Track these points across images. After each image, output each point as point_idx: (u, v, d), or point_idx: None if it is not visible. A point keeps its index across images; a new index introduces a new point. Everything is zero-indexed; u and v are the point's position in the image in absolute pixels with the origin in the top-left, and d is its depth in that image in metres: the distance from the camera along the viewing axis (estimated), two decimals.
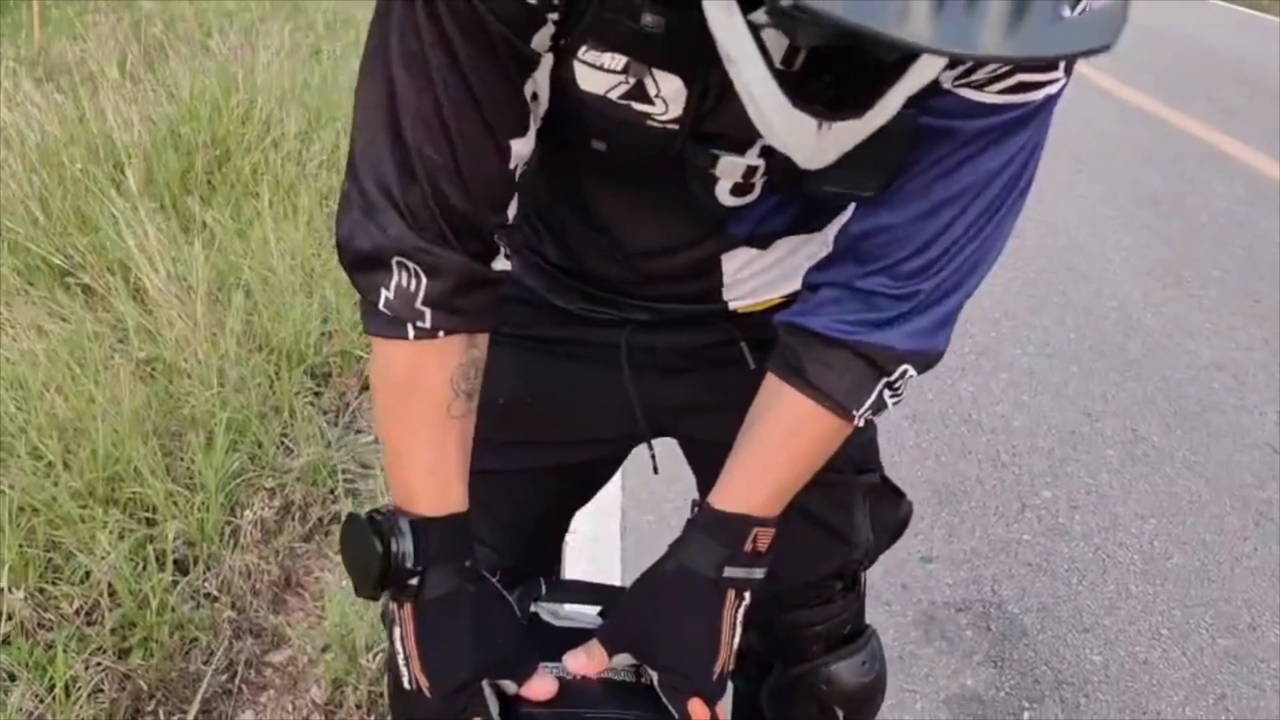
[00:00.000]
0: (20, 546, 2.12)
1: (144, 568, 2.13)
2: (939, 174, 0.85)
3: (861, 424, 0.92)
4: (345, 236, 0.84)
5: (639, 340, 1.08)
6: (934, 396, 2.97)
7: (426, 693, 0.85)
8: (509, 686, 0.88)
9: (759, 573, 0.89)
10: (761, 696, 1.28)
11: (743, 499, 0.90)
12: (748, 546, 0.88)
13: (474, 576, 0.88)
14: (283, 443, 2.57)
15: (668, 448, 1.18)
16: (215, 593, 2.13)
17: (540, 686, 0.88)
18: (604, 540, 2.29)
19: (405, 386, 0.88)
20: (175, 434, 2.53)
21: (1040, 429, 2.82)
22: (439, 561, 0.86)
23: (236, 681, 2.01)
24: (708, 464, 1.15)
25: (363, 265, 0.84)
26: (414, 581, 0.85)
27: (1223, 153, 5.33)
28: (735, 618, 0.89)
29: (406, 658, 0.86)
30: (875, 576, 2.27)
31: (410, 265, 0.83)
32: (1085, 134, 5.49)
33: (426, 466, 0.88)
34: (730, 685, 0.94)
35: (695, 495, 1.02)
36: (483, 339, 0.91)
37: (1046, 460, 2.69)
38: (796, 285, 0.97)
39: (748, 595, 0.89)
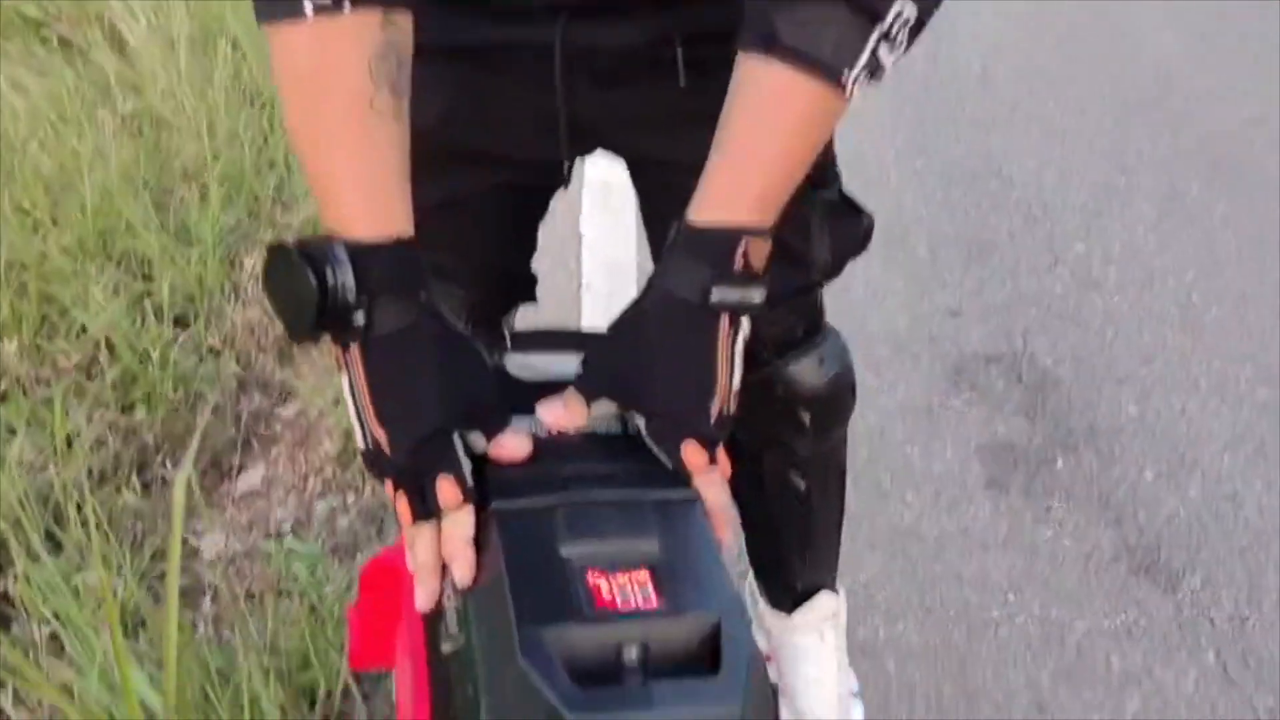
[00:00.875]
0: (11, 303, 2.04)
1: (142, 322, 2.05)
2: None
3: (855, 94, 0.76)
4: None
5: (576, 38, 0.94)
6: (963, 152, 2.83)
7: (386, 449, 0.72)
8: (478, 443, 0.75)
9: (756, 295, 0.76)
10: None
11: (724, 205, 0.75)
12: (737, 263, 0.74)
13: (432, 311, 0.74)
14: (278, 198, 2.45)
15: None
16: (219, 346, 2.05)
17: (513, 443, 0.75)
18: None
19: (314, 80, 0.73)
20: (167, 190, 2.41)
21: (1073, 184, 2.69)
22: (387, 292, 0.72)
23: (245, 436, 1.95)
24: (648, 188, 1.08)
25: None
26: (359, 317, 0.71)
27: None
28: (731, 350, 0.76)
29: (360, 411, 0.73)
30: (901, 329, 2.20)
31: None
32: None
33: (356, 179, 0.73)
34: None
35: None
36: (403, 21, 0.75)
37: (1079, 215, 2.57)
38: None
39: (745, 324, 0.77)
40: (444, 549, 0.72)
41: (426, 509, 0.72)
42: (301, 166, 0.77)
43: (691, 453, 0.75)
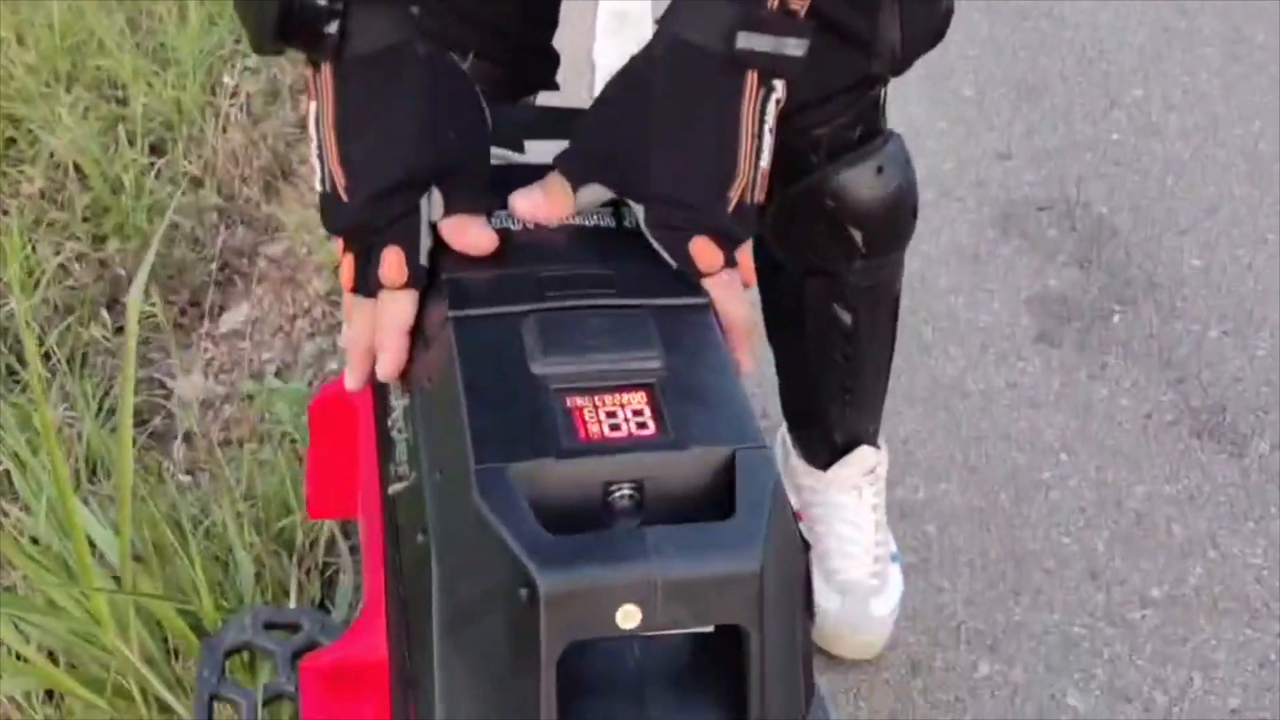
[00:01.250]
0: None
1: (115, 149, 1.87)
2: None
3: None
4: None
5: None
6: None
7: (342, 195, 0.58)
8: (435, 208, 0.60)
9: (793, 46, 0.59)
10: (763, 226, 1.07)
11: None
12: (772, 2, 0.58)
13: (426, 33, 0.59)
14: None
15: None
16: (199, 175, 1.88)
17: (476, 235, 0.60)
18: None
19: None
20: (141, 8, 2.20)
21: (1131, 24, 2.47)
22: None
23: (228, 273, 1.80)
24: None
25: None
26: (332, 28, 0.56)
27: None
28: (760, 119, 0.59)
29: (322, 146, 0.58)
30: (946, 172, 2.02)
31: None
32: None
33: None
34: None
35: None
36: None
37: (1137, 57, 2.36)
38: None
39: (779, 86, 0.59)
40: (376, 336, 0.58)
41: (367, 281, 0.59)
42: None
43: (703, 250, 0.59)
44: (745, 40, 0.57)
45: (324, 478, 0.77)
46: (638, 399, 0.52)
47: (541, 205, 0.61)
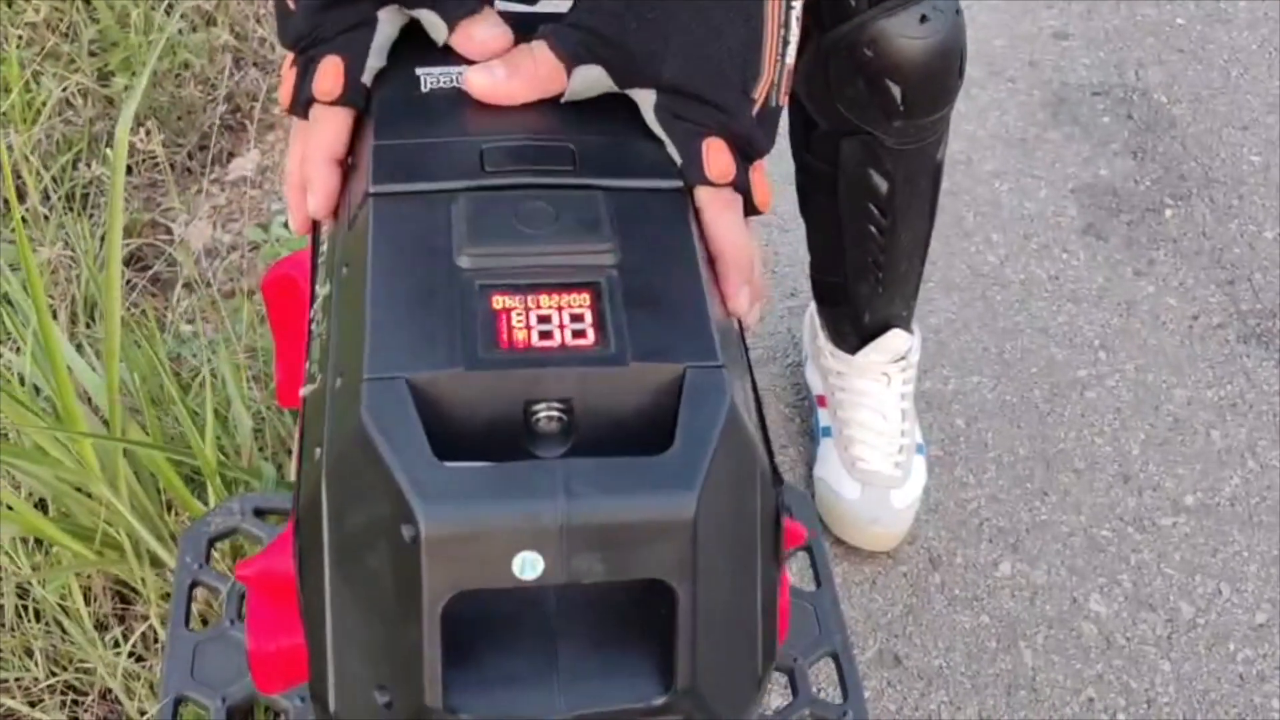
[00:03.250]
0: None
1: None
2: None
3: None
4: None
5: None
6: None
7: (290, 2, 0.51)
8: (435, 28, 0.51)
9: None
10: (797, 79, 0.98)
11: None
12: None
13: None
14: None
15: None
16: (210, 11, 1.79)
17: (486, 32, 0.51)
18: None
19: None
20: None
21: None
22: None
23: (238, 117, 1.72)
24: None
25: None
26: None
27: None
28: (786, 10, 0.50)
29: None
30: (997, 50, 1.91)
31: None
32: None
33: None
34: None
35: None
36: None
37: None
38: None
39: None
40: (304, 165, 0.51)
41: (302, 96, 0.51)
42: None
43: (717, 154, 0.49)
44: None
45: (285, 364, 0.68)
46: (579, 301, 0.43)
47: (505, 84, 0.50)
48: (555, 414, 0.41)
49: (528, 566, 0.38)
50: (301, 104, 0.51)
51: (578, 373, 0.41)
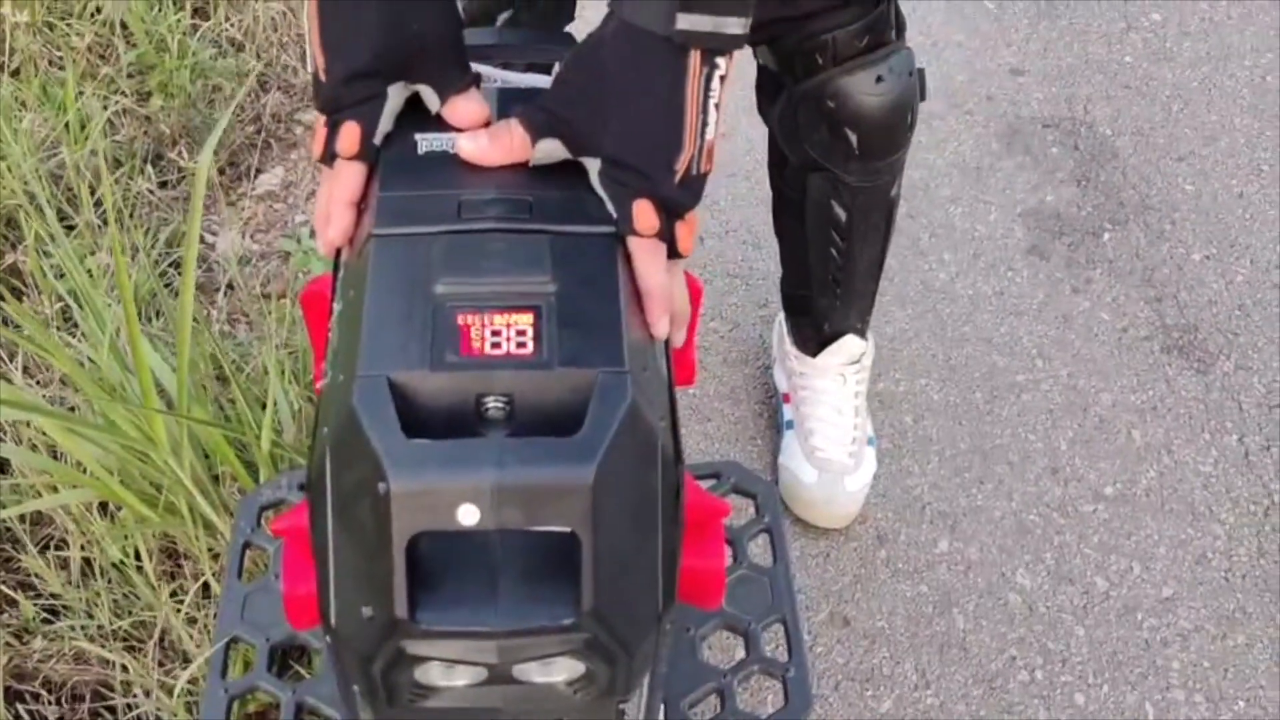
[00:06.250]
0: None
1: (159, 8, 1.94)
2: None
3: None
4: None
5: None
6: None
7: (323, 75, 0.66)
8: (431, 100, 0.67)
9: (734, 26, 0.62)
10: (772, 121, 1.16)
11: None
12: None
13: None
14: None
15: None
16: (240, 39, 1.95)
17: (469, 108, 0.66)
18: None
19: None
20: None
21: None
22: None
23: (265, 136, 1.89)
24: None
25: None
26: None
27: None
28: (704, 93, 0.62)
29: (308, 28, 0.66)
30: (958, 85, 2.09)
31: None
32: None
33: None
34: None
35: None
36: None
37: None
38: None
39: (722, 63, 0.63)
40: (328, 205, 0.66)
41: (329, 151, 0.66)
42: None
43: (644, 212, 0.62)
44: (685, 22, 0.60)
45: (320, 363, 0.85)
46: (524, 320, 0.56)
47: (487, 150, 0.64)
48: (500, 405, 0.55)
49: (468, 515, 0.52)
50: (328, 157, 0.67)
51: (518, 374, 0.55)
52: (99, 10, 1.94)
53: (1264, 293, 1.71)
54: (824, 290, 1.29)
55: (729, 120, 1.03)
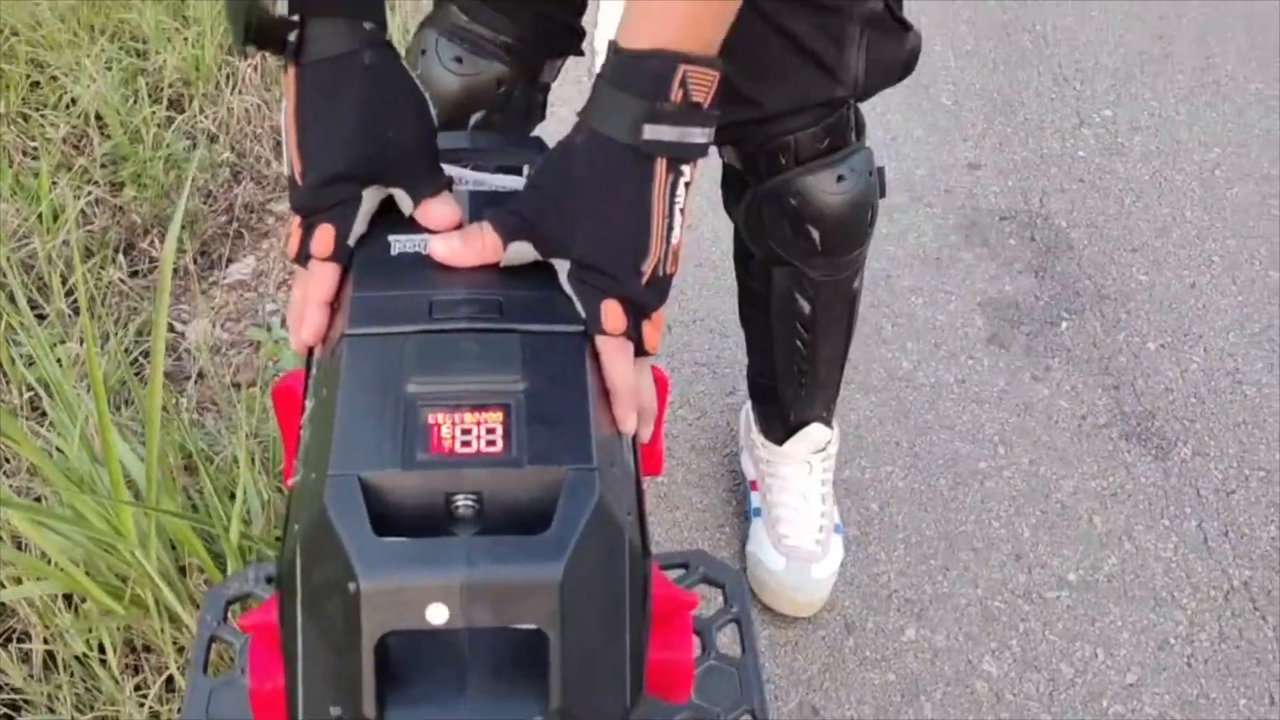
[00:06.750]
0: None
1: (135, 101, 1.97)
2: None
3: None
4: None
5: None
6: (997, 3, 2.72)
7: (299, 178, 0.67)
8: (404, 203, 0.69)
9: (699, 135, 0.65)
10: (737, 217, 1.19)
11: (651, 25, 0.65)
12: (674, 94, 0.64)
13: (376, 43, 0.68)
14: None
15: None
16: (214, 130, 1.98)
17: (441, 212, 0.68)
18: None
19: None
20: None
21: (1109, 46, 2.60)
22: (322, 14, 0.67)
23: (236, 226, 1.91)
24: None
25: None
26: (292, 36, 0.66)
27: None
28: (670, 199, 0.65)
29: (285, 132, 0.68)
30: (918, 179, 2.15)
31: None
32: None
33: None
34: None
35: None
36: None
37: (1111, 79, 2.48)
38: None
39: (687, 170, 0.65)
40: (302, 305, 0.67)
41: (304, 252, 0.67)
42: None
43: (612, 312, 0.64)
44: (652, 132, 0.63)
45: (290, 458, 0.85)
46: (494, 418, 0.56)
47: (459, 252, 0.66)
48: (469, 503, 0.55)
49: (437, 615, 0.52)
50: (303, 258, 0.68)
51: (487, 472, 0.55)
52: (74, 102, 1.97)
53: (1218, 380, 1.75)
54: (789, 380, 1.31)
55: (696, 213, 1.05)
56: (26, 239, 1.70)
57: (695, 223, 1.85)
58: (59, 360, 1.41)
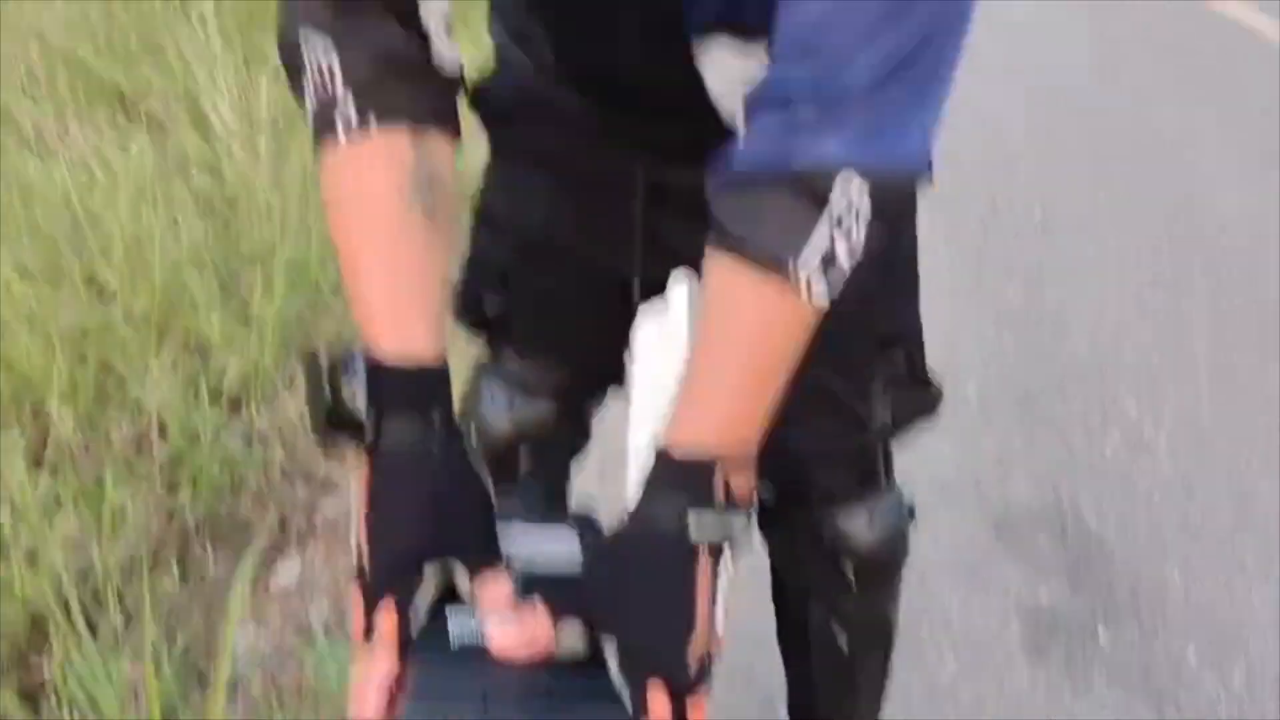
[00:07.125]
0: (71, 371, 2.07)
1: (195, 400, 2.07)
2: None
3: (817, 291, 0.71)
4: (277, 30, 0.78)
5: (655, 176, 1.01)
6: (1019, 300, 2.84)
7: (366, 557, 0.72)
8: (462, 580, 0.73)
9: (738, 523, 0.71)
10: (771, 551, 1.23)
11: (694, 430, 0.72)
12: (718, 493, 0.70)
13: (443, 434, 0.74)
14: (340, 290, 2.49)
15: None
16: (268, 432, 2.07)
17: (496, 589, 0.72)
18: None
19: (348, 201, 0.77)
20: (233, 271, 2.45)
21: (1127, 342, 2.69)
22: (396, 410, 0.72)
23: (285, 529, 1.96)
24: None
25: (285, 55, 0.78)
26: (368, 430, 0.72)
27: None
28: (713, 587, 0.71)
29: (354, 510, 0.74)
30: (947, 473, 2.19)
31: (317, 38, 0.76)
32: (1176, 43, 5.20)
33: (382, 299, 0.75)
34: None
35: None
36: (438, 140, 0.80)
37: (1132, 374, 2.56)
38: None
39: (727, 552, 0.71)
40: (362, 687, 0.70)
41: (367, 631, 0.71)
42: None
43: (656, 697, 0.68)
44: (696, 527, 0.70)
45: None
46: None
47: (515, 641, 0.69)
48: None
49: None
50: (367, 635, 0.72)
51: None
52: (139, 405, 2.06)
53: (1263, 690, 1.73)
54: (828, 712, 1.31)
55: None
56: (83, 547, 1.76)
57: None
58: (110, 675, 1.44)
